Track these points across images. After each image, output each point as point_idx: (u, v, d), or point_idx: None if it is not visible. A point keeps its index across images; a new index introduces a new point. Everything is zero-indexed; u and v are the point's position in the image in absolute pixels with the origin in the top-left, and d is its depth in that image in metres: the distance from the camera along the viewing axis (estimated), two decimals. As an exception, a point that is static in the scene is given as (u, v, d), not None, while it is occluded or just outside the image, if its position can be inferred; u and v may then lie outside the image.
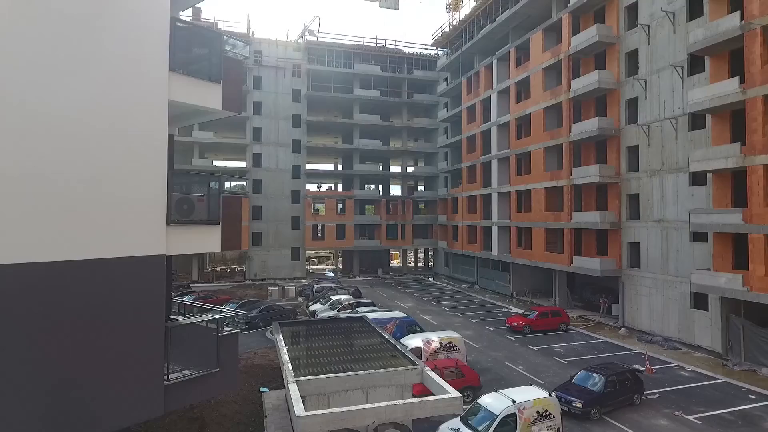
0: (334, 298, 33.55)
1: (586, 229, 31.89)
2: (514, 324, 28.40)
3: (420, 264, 70.45)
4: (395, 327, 22.27)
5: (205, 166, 51.08)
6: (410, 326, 22.93)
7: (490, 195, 43.79)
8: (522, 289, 41.09)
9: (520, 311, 34.24)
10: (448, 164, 54.17)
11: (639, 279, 28.47)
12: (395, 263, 70.92)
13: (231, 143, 52.52)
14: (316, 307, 33.18)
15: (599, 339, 27.15)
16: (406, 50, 58.19)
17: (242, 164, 54.82)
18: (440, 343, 20.19)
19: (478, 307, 37.05)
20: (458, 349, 20.36)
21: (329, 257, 73.76)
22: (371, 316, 23.27)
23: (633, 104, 29.32)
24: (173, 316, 11.64)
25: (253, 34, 53.83)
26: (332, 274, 58.28)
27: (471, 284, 48.15)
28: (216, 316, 9.97)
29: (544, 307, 31.04)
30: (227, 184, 65.93)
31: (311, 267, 66.70)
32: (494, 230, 42.42)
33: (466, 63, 50.15)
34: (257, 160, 52.86)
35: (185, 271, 51.88)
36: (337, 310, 30.80)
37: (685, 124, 25.57)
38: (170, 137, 11.79)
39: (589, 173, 30.43)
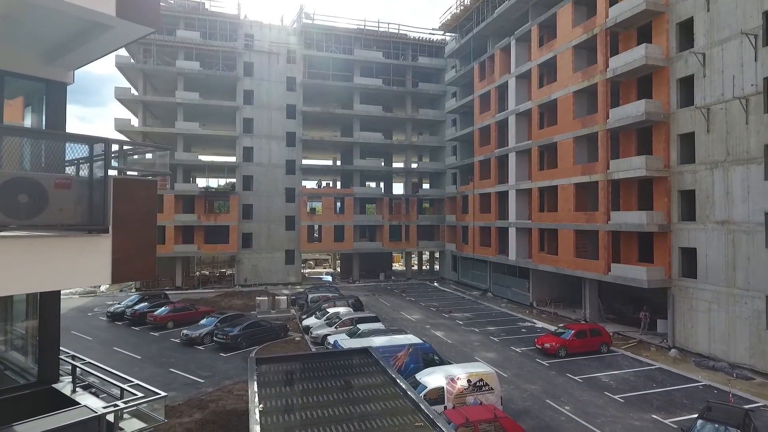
0: (331, 311, 28.98)
1: (626, 231, 27.30)
2: (546, 345, 23.75)
3: (425, 267, 65.87)
4: (408, 356, 17.62)
5: (190, 161, 46.45)
6: (426, 354, 18.29)
7: (506, 192, 39.14)
8: (543, 298, 36.50)
9: (548, 327, 29.68)
10: (457, 159, 49.50)
11: (695, 291, 23.85)
12: (398, 266, 66.29)
13: (219, 135, 47.81)
14: (311, 321, 28.59)
15: (651, 365, 22.51)
16: (410, 35, 53.49)
17: (231, 159, 50.13)
18: (468, 381, 15.54)
19: (496, 320, 32.42)
20: (492, 389, 15.72)
21: (327, 260, 69.10)
22: (377, 341, 18.65)
23: (686, 84, 24.70)
24: (61, 383, 6.95)
25: (245, 18, 49.12)
26: (330, 279, 53.76)
27: (483, 291, 43.54)
28: (104, 409, 5.22)
29: (581, 324, 26.41)
30: (214, 182, 61.40)
31: (307, 270, 62.05)
32: (512, 232, 37.78)
33: (478, 48, 45.49)
34: (248, 154, 48.18)
35: (168, 276, 47.18)
36: (335, 327, 26.21)
37: (759, 104, 20.95)
38: (58, 85, 7.20)
39: (632, 166, 25.80)
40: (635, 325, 29.71)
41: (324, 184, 58.54)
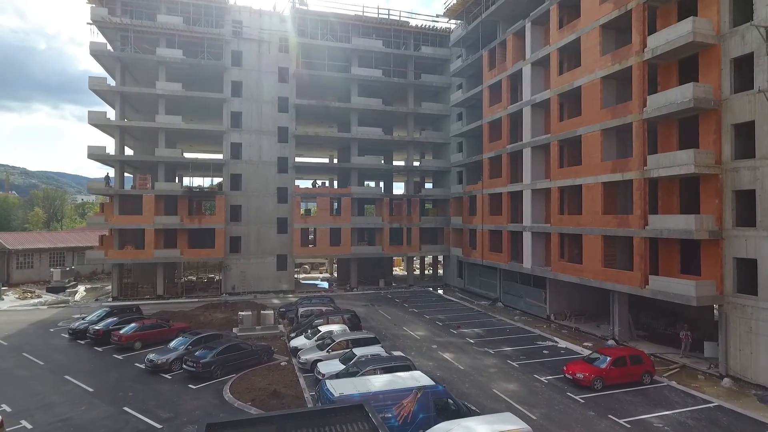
0: (324, 329, 25.20)
1: (666, 239, 23.42)
2: (579, 376, 19.89)
3: (427, 271, 62.06)
4: (416, 403, 13.74)
5: (173, 158, 42.53)
6: (439, 399, 14.39)
7: (520, 192, 35.28)
8: (561, 310, 32.69)
9: (572, 347, 25.91)
10: (463, 156, 45.64)
11: (755, 311, 20.00)
12: (398, 270, 62.46)
13: (204, 130, 43.85)
14: (300, 342, 24.75)
15: (708, 401, 18.63)
16: (412, 23, 49.59)
17: (218, 156, 46.27)
18: (498, 444, 11.68)
19: (512, 337, 28.55)
20: (528, 455, 11.85)
21: (324, 264, 65.20)
22: (377, 383, 14.76)
23: (743, 64, 20.84)
24: None
25: (234, 2, 45.16)
26: (326, 285, 49.94)
27: (492, 301, 39.68)
28: None
29: (618, 349, 22.47)
30: (205, 182, 57.56)
31: (302, 276, 58.24)
32: (526, 237, 33.90)
33: (486, 35, 41.60)
34: (236, 150, 44.28)
35: (149, 284, 43.35)
36: (328, 350, 22.39)
37: None
38: None
39: (676, 161, 21.93)
40: (670, 344, 26.02)
41: (319, 183, 54.72)
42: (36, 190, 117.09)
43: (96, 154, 39.99)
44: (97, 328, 26.27)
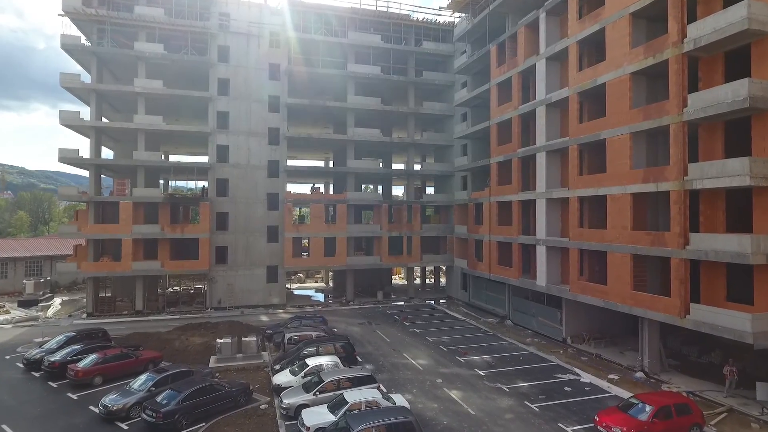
0: (312, 363, 21.84)
1: (711, 261, 20.04)
2: (615, 430, 16.54)
3: (429, 280, 58.67)
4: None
5: (152, 161, 39.11)
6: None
7: (533, 201, 31.94)
8: (579, 332, 29.35)
9: (598, 383, 22.53)
10: (468, 160, 42.27)
11: (825, 352, 16.70)
12: (397, 279, 59.07)
13: (188, 132, 40.42)
14: (284, 378, 21.44)
15: (775, 467, 15.34)
16: (414, 16, 46.23)
17: (204, 159, 42.90)
18: None
19: (527, 368, 25.15)
20: None
21: (319, 271, 61.79)
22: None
23: (809, 56, 17.57)
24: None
25: (220, -5, 41.80)
26: (321, 297, 46.62)
27: (500, 318, 36.35)
28: None
29: (660, 394, 19.01)
30: (188, 186, 54.18)
31: (296, 285, 54.85)
32: (540, 251, 30.56)
33: (494, 28, 38.24)
34: (222, 153, 40.91)
35: (128, 297, 40.03)
36: (315, 393, 19.07)
37: None
38: None
39: (725, 171, 18.60)
40: (708, 377, 22.89)
41: (320, 188, 51.33)
42: (23, 192, 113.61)
43: (68, 158, 36.61)
44: (52, 359, 22.91)
